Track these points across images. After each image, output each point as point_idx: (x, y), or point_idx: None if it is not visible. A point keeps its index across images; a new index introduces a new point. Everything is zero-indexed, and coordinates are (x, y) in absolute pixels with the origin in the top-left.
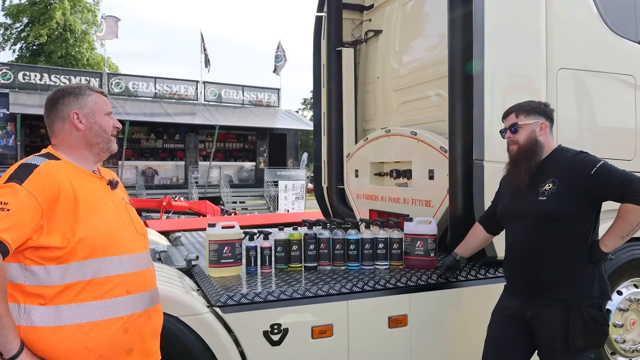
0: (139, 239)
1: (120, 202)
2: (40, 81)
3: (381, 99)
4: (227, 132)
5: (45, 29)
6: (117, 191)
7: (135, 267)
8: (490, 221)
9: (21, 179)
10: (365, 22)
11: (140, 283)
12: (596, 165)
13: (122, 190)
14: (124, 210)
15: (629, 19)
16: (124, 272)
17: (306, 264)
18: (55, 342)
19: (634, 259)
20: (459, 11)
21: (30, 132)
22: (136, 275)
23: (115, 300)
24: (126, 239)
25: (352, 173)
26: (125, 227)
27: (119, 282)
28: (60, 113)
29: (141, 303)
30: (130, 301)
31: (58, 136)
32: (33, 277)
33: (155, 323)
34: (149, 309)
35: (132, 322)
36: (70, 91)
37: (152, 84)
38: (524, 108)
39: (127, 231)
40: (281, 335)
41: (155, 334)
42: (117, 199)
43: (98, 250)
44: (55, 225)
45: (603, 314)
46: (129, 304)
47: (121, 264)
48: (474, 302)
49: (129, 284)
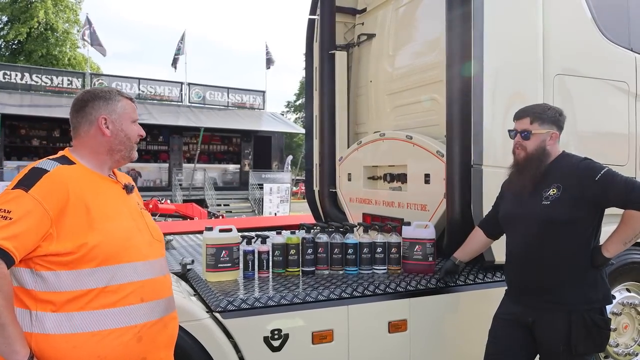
0: (155, 244)
1: (135, 207)
2: (21, 80)
3: (374, 103)
4: (212, 134)
5: (25, 27)
6: (133, 196)
7: (150, 274)
8: (491, 225)
9: (29, 185)
10: (358, 26)
11: (155, 290)
12: (600, 172)
13: (137, 195)
14: (139, 215)
15: (622, 27)
16: (139, 279)
17: (304, 268)
18: (67, 350)
19: (627, 264)
20: (457, 13)
21: (10, 132)
22: (151, 283)
23: (129, 308)
24: (141, 245)
25: (345, 176)
26: (141, 233)
27: (133, 289)
28: (89, 116)
29: (156, 311)
30: (144, 309)
31: (82, 139)
32: (43, 282)
33: (170, 331)
34: (164, 317)
35: (146, 330)
36: (101, 95)
37: (135, 85)
38: (539, 116)
39: (142, 237)
40: (281, 340)
41: (170, 342)
42: (132, 204)
43: (111, 257)
44: (65, 232)
45: (605, 319)
46: (143, 312)
47: (135, 270)
48: (473, 306)
49: (144, 291)
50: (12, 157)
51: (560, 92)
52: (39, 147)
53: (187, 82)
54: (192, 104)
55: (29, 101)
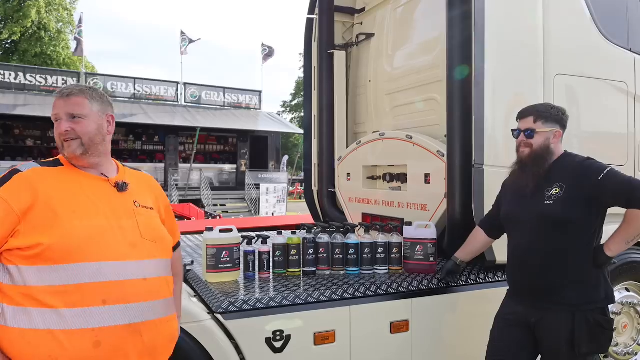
0: (142, 245)
1: (124, 205)
2: (15, 80)
3: (373, 103)
4: (208, 134)
5: (19, 27)
6: (127, 194)
7: (119, 276)
8: (492, 225)
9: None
10: (357, 25)
11: (125, 293)
12: (603, 172)
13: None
14: (127, 214)
15: (621, 27)
16: (102, 280)
17: (305, 268)
18: (21, 346)
19: (626, 263)
20: (458, 12)
21: (4, 132)
22: (120, 285)
23: (87, 310)
24: (116, 244)
25: (344, 176)
26: (123, 232)
27: (94, 290)
28: None
29: (123, 315)
30: (106, 312)
31: None
32: (9, 276)
33: (148, 340)
34: (136, 324)
35: (106, 335)
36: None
37: (131, 85)
38: (543, 115)
39: (122, 236)
40: (283, 342)
41: (149, 352)
42: (121, 202)
43: (70, 256)
44: (29, 229)
45: (608, 319)
46: (104, 315)
47: (100, 271)
48: (475, 306)
49: (108, 293)
50: (6, 157)
51: (561, 92)
52: (34, 147)
53: (183, 82)
54: (188, 104)
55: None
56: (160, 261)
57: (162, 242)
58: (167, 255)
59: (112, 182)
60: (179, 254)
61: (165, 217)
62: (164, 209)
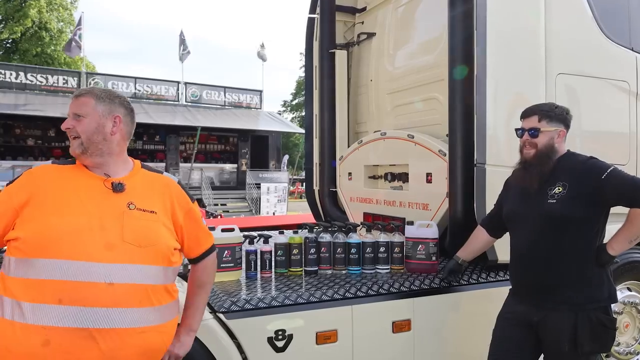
0: (120, 248)
1: (114, 206)
2: (16, 80)
3: (374, 102)
4: (209, 133)
5: (19, 26)
6: (122, 195)
7: (82, 277)
8: (494, 224)
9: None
10: (358, 25)
11: (81, 296)
12: (607, 171)
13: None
14: (114, 214)
15: (623, 26)
16: (62, 278)
17: (307, 268)
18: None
19: (628, 262)
20: (459, 11)
21: (5, 132)
22: (78, 286)
23: (42, 307)
24: (89, 244)
25: (345, 176)
26: (102, 233)
27: (52, 287)
28: None
29: (78, 318)
30: (59, 312)
31: None
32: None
33: (106, 349)
34: (90, 329)
35: (56, 335)
36: None
37: (132, 84)
38: (547, 114)
39: (99, 237)
40: (285, 341)
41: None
42: (112, 203)
43: (35, 250)
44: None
45: (611, 318)
46: (57, 314)
47: (60, 268)
48: (477, 306)
49: (64, 292)
50: (7, 157)
51: (562, 91)
52: (34, 147)
53: (183, 82)
54: (189, 103)
55: (23, 100)
56: (142, 267)
57: (153, 248)
58: (158, 262)
59: (109, 182)
60: (207, 264)
61: (185, 223)
62: (183, 214)
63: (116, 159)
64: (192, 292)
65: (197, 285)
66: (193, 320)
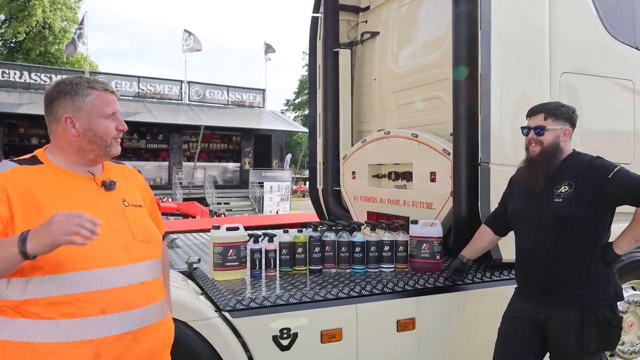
0: (135, 247)
1: (114, 205)
2: (19, 79)
3: (378, 101)
4: (212, 132)
5: (23, 26)
6: (114, 193)
7: (117, 282)
8: (499, 222)
9: None
10: (362, 24)
11: (124, 300)
12: (613, 170)
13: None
14: (117, 214)
15: (628, 25)
16: (100, 288)
17: (311, 266)
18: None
19: (632, 262)
20: (464, 10)
21: (9, 131)
22: (119, 292)
23: (85, 321)
24: (111, 248)
25: (349, 175)
26: (115, 235)
27: (92, 299)
28: (55, 114)
29: (124, 324)
30: (106, 322)
31: (53, 137)
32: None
33: (147, 346)
34: (135, 330)
35: (106, 346)
36: (67, 90)
37: (135, 83)
38: (553, 112)
39: (115, 239)
40: (290, 340)
41: (148, 358)
42: (110, 202)
43: (63, 264)
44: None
45: (616, 316)
46: (104, 325)
47: (96, 278)
48: (482, 304)
49: (106, 302)
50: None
51: (567, 90)
52: (38, 146)
53: (186, 81)
54: (192, 102)
55: (27, 99)
56: (153, 262)
57: (155, 242)
58: (159, 254)
59: (99, 181)
60: (165, 247)
61: (150, 209)
62: (149, 201)
63: None
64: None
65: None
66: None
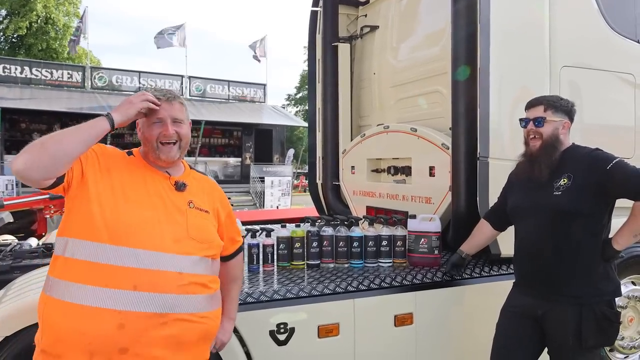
0: (186, 242)
1: (180, 203)
2: (21, 74)
3: (377, 95)
4: (213, 127)
5: (25, 21)
6: (184, 194)
7: (153, 265)
8: (498, 217)
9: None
10: (361, 18)
11: (154, 283)
12: (612, 162)
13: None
14: (180, 211)
15: (629, 19)
16: (137, 266)
17: (309, 261)
18: (57, 316)
19: (632, 257)
20: (463, 4)
21: (11, 126)
22: (153, 274)
23: (117, 292)
24: (162, 237)
25: (348, 169)
26: (171, 227)
27: (127, 274)
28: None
29: (151, 304)
30: (134, 297)
31: None
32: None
33: (174, 332)
34: (163, 314)
35: (131, 319)
36: None
37: (136, 78)
38: (553, 104)
39: (167, 230)
40: (287, 334)
41: (173, 344)
42: (176, 200)
43: (111, 236)
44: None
45: (615, 312)
46: (131, 299)
47: (136, 257)
48: (480, 299)
49: (140, 280)
50: (13, 151)
51: (567, 84)
52: None
53: (187, 75)
54: (193, 97)
55: (29, 95)
56: (200, 260)
57: (209, 244)
58: (211, 256)
59: (173, 181)
60: (239, 260)
61: (226, 222)
62: (225, 215)
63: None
64: (226, 285)
65: (231, 279)
66: (232, 308)
